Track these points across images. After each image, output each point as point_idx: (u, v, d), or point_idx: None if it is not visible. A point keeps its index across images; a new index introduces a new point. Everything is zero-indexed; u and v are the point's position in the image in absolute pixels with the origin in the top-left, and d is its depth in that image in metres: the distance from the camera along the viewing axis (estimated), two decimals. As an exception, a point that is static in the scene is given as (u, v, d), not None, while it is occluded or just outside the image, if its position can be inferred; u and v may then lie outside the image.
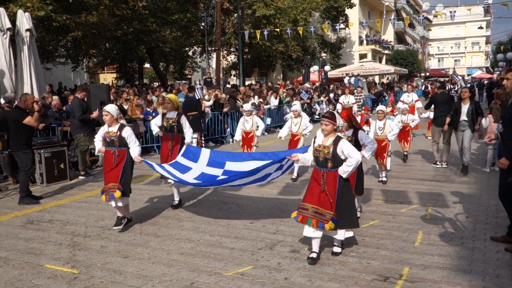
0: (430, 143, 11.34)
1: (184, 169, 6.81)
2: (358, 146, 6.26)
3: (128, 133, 6.39)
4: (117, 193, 6.15)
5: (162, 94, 15.12)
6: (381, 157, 8.99)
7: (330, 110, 8.66)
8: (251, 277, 4.79)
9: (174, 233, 6.24)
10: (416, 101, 15.04)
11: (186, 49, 32.80)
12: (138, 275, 4.87)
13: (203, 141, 13.84)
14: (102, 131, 6.50)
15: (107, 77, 42.01)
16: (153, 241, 5.96)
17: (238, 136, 9.91)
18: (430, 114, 13.81)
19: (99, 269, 5.04)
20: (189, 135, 7.70)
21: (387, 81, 44.16)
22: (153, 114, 13.28)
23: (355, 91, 21.24)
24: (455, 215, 6.86)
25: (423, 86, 39.97)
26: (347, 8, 40.18)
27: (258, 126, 9.79)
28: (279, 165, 6.05)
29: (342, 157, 5.05)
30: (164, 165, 6.88)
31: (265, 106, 18.10)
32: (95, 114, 10.30)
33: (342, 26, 34.40)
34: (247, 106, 10.14)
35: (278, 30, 27.24)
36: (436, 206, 7.34)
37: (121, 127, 6.38)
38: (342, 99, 17.14)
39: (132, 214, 7.17)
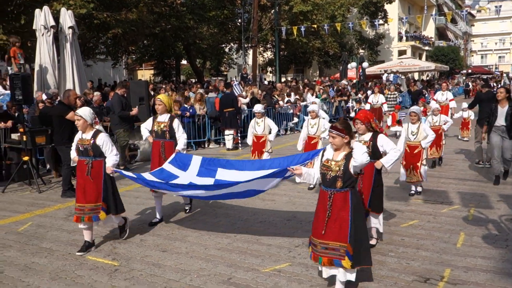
0: (473, 142, 10.98)
1: (170, 176, 5.92)
2: (377, 153, 5.31)
3: (103, 140, 5.48)
4: (102, 215, 5.46)
5: (199, 90, 15.25)
6: (415, 166, 7.88)
7: (344, 119, 6.87)
8: (288, 274, 4.77)
9: (211, 229, 6.28)
10: (450, 100, 14.01)
11: (223, 45, 33.00)
12: (177, 269, 4.93)
13: (239, 138, 13.88)
14: (76, 138, 5.64)
15: (145, 74, 42.77)
16: (191, 236, 6.02)
17: (249, 140, 9.08)
18: (464, 113, 13.55)
19: (138, 262, 5.14)
20: (182, 141, 6.52)
21: (427, 78, 43.19)
22: (190, 110, 13.43)
23: (390, 88, 20.06)
24: (499, 217, 6.63)
25: (464, 84, 38.80)
26: (386, 3, 39.50)
27: (270, 130, 8.85)
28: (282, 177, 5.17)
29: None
30: (145, 174, 5.93)
31: (302, 103, 18.01)
32: (134, 111, 10.48)
33: (381, 22, 33.85)
34: (258, 107, 9.02)
35: (315, 26, 27.02)
36: (478, 207, 7.11)
37: (95, 134, 5.50)
38: (371, 98, 15.92)
39: (169, 209, 7.29)
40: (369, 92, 23.66)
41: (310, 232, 5.62)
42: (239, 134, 13.95)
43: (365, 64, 26.69)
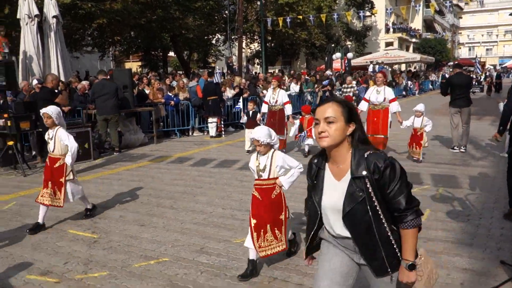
0: (449, 129, 11.04)
1: None
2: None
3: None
4: None
5: (183, 79, 15.45)
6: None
7: None
8: (258, 244, 5.04)
9: (189, 206, 6.55)
10: (391, 101, 9.39)
11: (210, 37, 33.11)
12: (153, 240, 5.20)
13: (222, 126, 14.12)
14: None
15: (132, 66, 42.63)
16: (169, 212, 6.28)
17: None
18: (415, 121, 9.35)
19: (117, 235, 5.40)
20: None
21: (414, 69, 43.61)
22: (174, 99, 13.64)
23: (346, 80, 16.42)
24: (465, 196, 6.92)
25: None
26: (374, -5, 39.83)
27: (66, 148, 5.62)
28: None
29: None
30: None
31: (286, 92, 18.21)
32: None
33: (367, 13, 34.17)
34: (50, 110, 5.57)
35: (300, 17, 27.25)
36: (447, 187, 7.39)
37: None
38: (268, 96, 10.60)
39: (151, 189, 7.53)
40: (353, 82, 23.91)
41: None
42: (222, 123, 14.19)
43: (350, 55, 26.98)
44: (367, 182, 2.33)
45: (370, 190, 2.33)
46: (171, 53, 36.37)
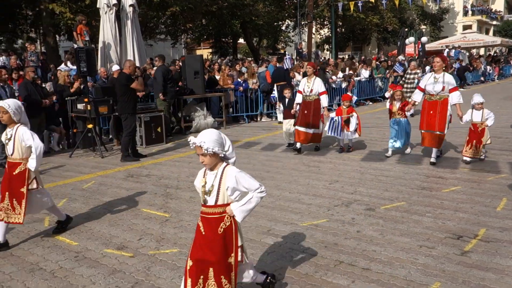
0: None
1: None
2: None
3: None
4: None
5: (252, 65, 15.59)
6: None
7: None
8: (325, 228, 5.06)
9: (256, 189, 6.65)
10: (451, 90, 7.73)
11: (279, 23, 33.07)
12: (221, 221, 5.35)
13: (291, 111, 14.11)
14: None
15: (203, 53, 43.66)
16: (237, 195, 6.42)
17: None
18: (474, 114, 7.83)
19: (187, 214, 5.61)
20: None
21: (494, 54, 41.10)
22: (243, 85, 13.80)
23: (409, 66, 14.43)
24: (548, 186, 6.54)
25: None
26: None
27: (29, 150, 4.71)
28: None
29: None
30: None
31: (356, 78, 17.89)
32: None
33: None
34: (7, 103, 4.64)
35: (372, 1, 26.46)
36: (528, 176, 7.02)
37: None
38: (302, 84, 9.32)
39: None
40: (427, 68, 22.97)
41: (351, 194, 5.82)
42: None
43: (424, 39, 25.80)
44: None
45: None
46: (241, 40, 36.74)
